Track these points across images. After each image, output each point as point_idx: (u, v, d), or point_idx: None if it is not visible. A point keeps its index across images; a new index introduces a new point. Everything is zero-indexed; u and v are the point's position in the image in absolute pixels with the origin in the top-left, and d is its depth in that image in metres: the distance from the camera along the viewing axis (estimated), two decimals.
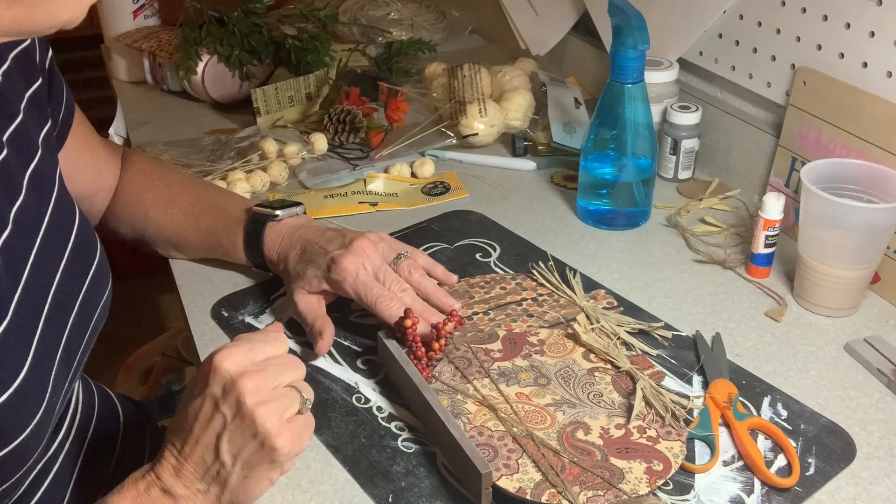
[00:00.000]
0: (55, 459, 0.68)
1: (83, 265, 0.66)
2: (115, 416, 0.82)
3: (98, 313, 0.68)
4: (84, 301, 0.66)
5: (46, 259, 0.62)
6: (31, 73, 0.66)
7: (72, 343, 0.64)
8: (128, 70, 1.42)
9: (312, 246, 0.78)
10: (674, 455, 0.63)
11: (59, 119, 0.73)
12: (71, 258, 0.64)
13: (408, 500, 0.61)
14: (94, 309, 0.67)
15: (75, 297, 0.65)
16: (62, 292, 0.62)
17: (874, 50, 0.83)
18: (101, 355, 1.83)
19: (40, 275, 0.60)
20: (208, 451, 0.55)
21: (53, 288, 0.62)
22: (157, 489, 0.56)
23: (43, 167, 0.64)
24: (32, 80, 0.66)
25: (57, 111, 0.73)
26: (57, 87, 0.72)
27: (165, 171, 0.91)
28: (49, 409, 0.59)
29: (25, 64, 0.66)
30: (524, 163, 1.11)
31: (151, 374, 1.45)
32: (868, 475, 0.63)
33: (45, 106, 0.68)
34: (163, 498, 0.56)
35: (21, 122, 0.63)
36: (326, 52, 1.28)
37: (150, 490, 0.56)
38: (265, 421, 0.54)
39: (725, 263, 0.88)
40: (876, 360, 0.74)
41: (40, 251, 0.61)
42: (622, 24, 0.86)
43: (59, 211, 0.64)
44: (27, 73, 0.66)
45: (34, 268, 0.60)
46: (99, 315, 0.68)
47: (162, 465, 0.56)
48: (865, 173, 0.79)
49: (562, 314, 0.80)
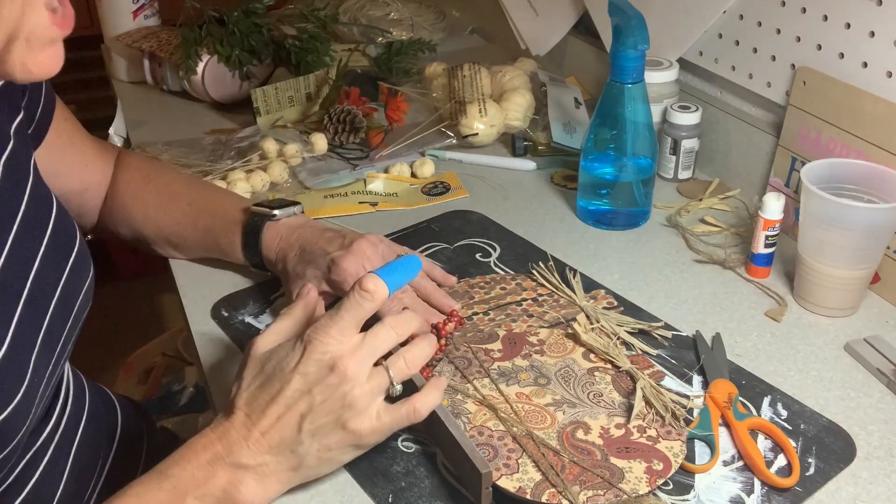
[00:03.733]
0: (45, 449, 0.68)
1: (62, 253, 0.67)
2: (112, 414, 0.82)
3: (80, 301, 0.68)
4: (65, 288, 0.66)
5: (24, 245, 0.62)
6: None
7: (53, 328, 0.64)
8: (128, 70, 1.42)
9: (312, 247, 0.78)
10: (674, 455, 0.63)
11: (36, 115, 0.73)
12: (49, 246, 0.64)
13: (408, 500, 0.61)
14: (75, 296, 0.68)
15: (55, 284, 0.65)
16: (41, 278, 0.63)
17: (874, 50, 0.83)
18: (101, 355, 1.84)
19: (18, 261, 0.61)
20: (289, 428, 0.56)
21: (32, 274, 0.62)
22: (225, 462, 0.56)
23: (16, 156, 0.64)
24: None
25: (34, 107, 0.73)
26: (35, 84, 0.73)
27: (163, 170, 0.91)
28: (32, 390, 0.60)
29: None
30: (524, 163, 1.11)
31: (151, 374, 1.45)
32: (868, 475, 0.63)
33: (17, 98, 0.68)
34: (229, 470, 0.56)
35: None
36: (326, 52, 1.28)
37: (215, 463, 0.56)
38: (353, 409, 0.56)
39: (725, 263, 0.88)
40: (876, 360, 0.74)
41: (17, 238, 0.61)
42: (622, 24, 0.86)
43: (34, 200, 0.64)
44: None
45: (11, 254, 0.60)
46: (81, 303, 0.69)
47: (230, 437, 0.57)
48: (865, 173, 0.79)
49: (562, 314, 0.80)
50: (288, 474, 0.58)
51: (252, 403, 0.57)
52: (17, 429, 0.59)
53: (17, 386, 0.58)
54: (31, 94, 0.72)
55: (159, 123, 1.26)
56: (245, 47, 1.25)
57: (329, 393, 0.56)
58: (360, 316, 0.59)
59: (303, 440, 0.57)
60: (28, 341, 0.61)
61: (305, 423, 0.56)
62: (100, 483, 0.76)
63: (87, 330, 0.73)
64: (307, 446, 0.57)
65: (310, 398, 0.56)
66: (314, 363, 0.57)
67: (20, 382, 0.59)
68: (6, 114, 0.66)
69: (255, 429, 0.57)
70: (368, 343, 0.58)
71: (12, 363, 0.58)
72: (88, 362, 0.80)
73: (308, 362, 0.57)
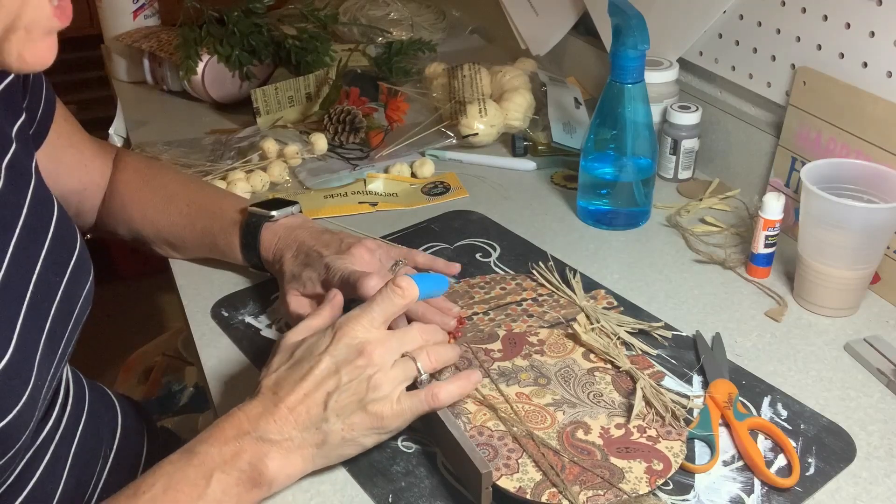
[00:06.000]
0: (46, 448, 0.68)
1: (63, 256, 0.67)
2: (112, 413, 0.82)
3: (80, 304, 0.69)
4: (66, 291, 0.66)
5: (26, 249, 0.62)
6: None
7: (55, 330, 0.64)
8: (128, 70, 1.42)
9: (309, 249, 0.78)
10: (674, 454, 0.63)
11: (37, 116, 0.73)
12: (51, 249, 0.65)
13: (408, 500, 0.61)
14: (76, 299, 0.68)
15: (57, 287, 0.65)
16: (43, 281, 0.63)
17: (874, 50, 0.83)
18: (101, 355, 1.84)
19: (21, 263, 0.61)
20: (316, 405, 0.59)
21: (35, 276, 0.62)
22: (251, 437, 0.58)
23: (18, 159, 0.64)
24: (4, 75, 0.67)
25: (35, 107, 0.73)
26: (36, 85, 0.73)
27: (161, 171, 0.91)
28: (35, 393, 0.60)
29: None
30: (524, 163, 1.11)
31: (151, 374, 1.45)
32: (868, 475, 0.63)
33: (18, 100, 0.68)
34: (255, 444, 0.58)
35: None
36: (326, 52, 1.28)
37: (241, 438, 0.58)
38: (376, 392, 0.60)
39: (725, 263, 0.88)
40: (876, 360, 0.74)
41: (19, 241, 0.61)
42: (622, 24, 0.86)
43: (36, 203, 0.65)
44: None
45: (13, 258, 0.60)
46: (82, 306, 0.69)
47: (257, 413, 0.59)
48: (865, 173, 0.79)
49: (562, 314, 0.80)
50: (312, 450, 0.60)
51: (280, 382, 0.60)
52: (21, 431, 0.59)
53: (21, 389, 0.58)
54: (33, 95, 0.72)
55: (159, 123, 1.26)
56: (245, 47, 1.25)
57: (356, 374, 0.60)
58: (389, 310, 0.63)
59: (328, 417, 0.59)
60: (31, 344, 0.61)
61: (331, 400, 0.59)
62: (100, 483, 0.76)
63: (88, 330, 0.73)
64: (332, 423, 0.59)
65: (337, 378, 0.60)
66: (344, 346, 0.61)
67: (25, 385, 0.59)
68: (8, 116, 0.66)
69: (283, 405, 0.59)
70: (396, 337, 0.63)
71: (17, 366, 0.58)
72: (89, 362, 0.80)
73: (338, 345, 0.61)
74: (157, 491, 0.55)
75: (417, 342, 0.64)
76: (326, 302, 0.69)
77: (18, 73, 0.51)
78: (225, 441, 0.57)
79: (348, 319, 0.62)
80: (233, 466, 0.57)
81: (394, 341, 0.62)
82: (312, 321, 0.66)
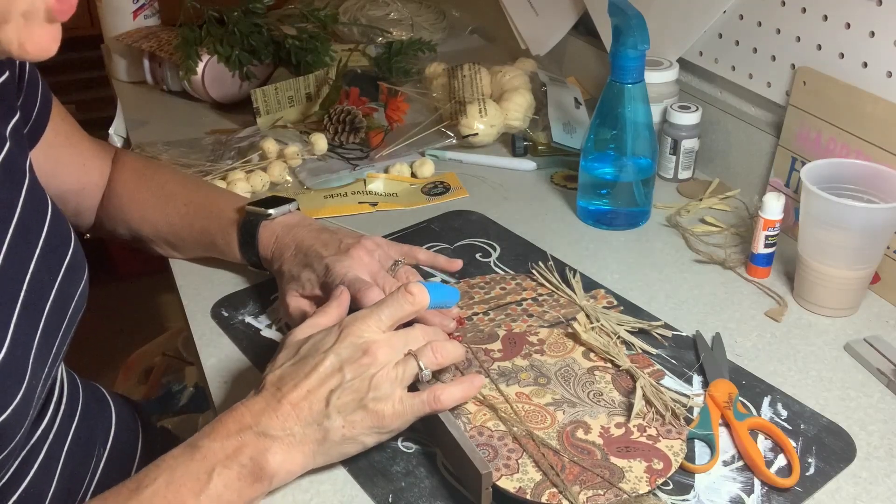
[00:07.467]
0: (40, 448, 0.68)
1: (57, 256, 0.67)
2: (107, 412, 0.82)
3: (75, 304, 0.69)
4: (60, 291, 0.66)
5: (20, 248, 0.62)
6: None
7: (50, 330, 0.64)
8: (128, 70, 1.42)
9: (308, 248, 0.77)
10: (674, 454, 0.63)
11: (32, 115, 0.73)
12: (45, 248, 0.65)
13: (408, 500, 0.61)
14: (70, 299, 0.68)
15: (51, 287, 0.65)
16: (37, 280, 0.63)
17: (874, 50, 0.83)
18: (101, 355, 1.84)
19: (14, 263, 0.61)
20: (318, 402, 0.59)
21: (28, 276, 0.62)
22: (253, 431, 0.58)
23: (11, 158, 0.64)
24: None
25: (30, 106, 0.73)
26: (31, 83, 0.73)
27: (159, 170, 0.91)
28: (29, 393, 0.60)
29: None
30: (524, 163, 1.11)
31: (151, 374, 1.45)
32: (868, 475, 0.63)
33: (12, 99, 0.68)
34: (257, 439, 0.58)
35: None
36: (326, 52, 1.28)
37: (243, 432, 0.58)
38: (377, 391, 0.60)
39: (725, 263, 0.88)
40: (876, 360, 0.74)
41: (13, 240, 0.61)
42: (622, 24, 0.86)
43: (30, 202, 0.65)
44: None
45: (7, 257, 0.60)
46: (76, 305, 0.69)
47: (260, 408, 0.59)
48: (865, 173, 0.79)
49: (562, 314, 0.80)
50: (313, 447, 0.60)
51: (284, 378, 0.61)
52: (15, 430, 0.59)
53: (15, 388, 0.58)
54: (28, 94, 0.72)
55: (159, 123, 1.26)
56: (245, 47, 1.25)
57: (359, 372, 0.60)
58: (398, 314, 0.64)
59: (330, 414, 0.59)
60: (26, 344, 0.60)
61: (333, 397, 0.59)
62: (93, 482, 0.76)
63: (87, 330, 0.73)
64: (333, 420, 0.59)
65: (340, 375, 0.60)
66: (349, 345, 0.61)
67: (19, 385, 0.59)
68: (2, 115, 0.65)
69: (286, 400, 0.59)
70: (402, 337, 0.64)
71: (11, 366, 0.58)
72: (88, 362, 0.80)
73: (343, 344, 0.61)
74: (159, 485, 0.55)
75: (421, 343, 0.64)
76: (333, 299, 0.69)
77: (19, 59, 0.50)
78: (227, 435, 0.58)
79: (355, 319, 0.63)
80: (234, 461, 0.57)
81: (399, 342, 0.63)
82: (319, 319, 0.66)
